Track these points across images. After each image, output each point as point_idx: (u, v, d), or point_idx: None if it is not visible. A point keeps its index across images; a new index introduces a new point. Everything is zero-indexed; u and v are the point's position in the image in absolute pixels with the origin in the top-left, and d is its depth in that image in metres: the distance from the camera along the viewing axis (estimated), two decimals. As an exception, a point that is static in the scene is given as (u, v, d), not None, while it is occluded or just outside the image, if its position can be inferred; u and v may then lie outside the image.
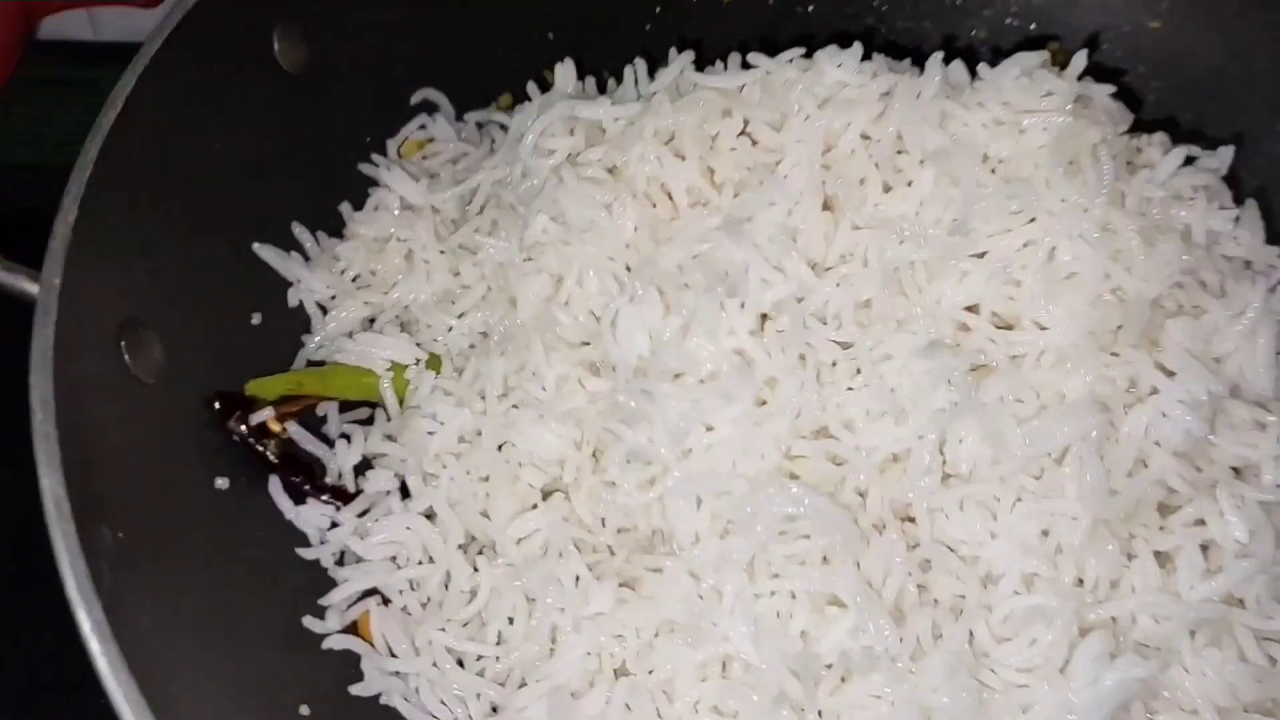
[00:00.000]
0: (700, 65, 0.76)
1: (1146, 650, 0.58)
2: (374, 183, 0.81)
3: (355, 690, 0.61)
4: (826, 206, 0.66)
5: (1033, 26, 0.87)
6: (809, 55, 0.70)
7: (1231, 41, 0.81)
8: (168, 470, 0.60)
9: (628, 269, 0.68)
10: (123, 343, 0.61)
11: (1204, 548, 0.60)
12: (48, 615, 0.49)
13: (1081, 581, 0.60)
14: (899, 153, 0.66)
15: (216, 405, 0.66)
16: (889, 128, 0.66)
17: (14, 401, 0.68)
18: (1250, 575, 0.59)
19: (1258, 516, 0.60)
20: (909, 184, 0.65)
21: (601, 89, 0.84)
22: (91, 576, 0.47)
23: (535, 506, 0.67)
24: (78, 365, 0.56)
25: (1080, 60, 0.68)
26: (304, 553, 0.66)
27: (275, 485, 0.66)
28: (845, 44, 0.74)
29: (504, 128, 0.84)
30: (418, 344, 0.73)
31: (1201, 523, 0.60)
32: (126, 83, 0.65)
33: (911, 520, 0.62)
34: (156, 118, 0.66)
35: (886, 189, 0.65)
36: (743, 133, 0.69)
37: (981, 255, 0.63)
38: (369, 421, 0.72)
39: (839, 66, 0.67)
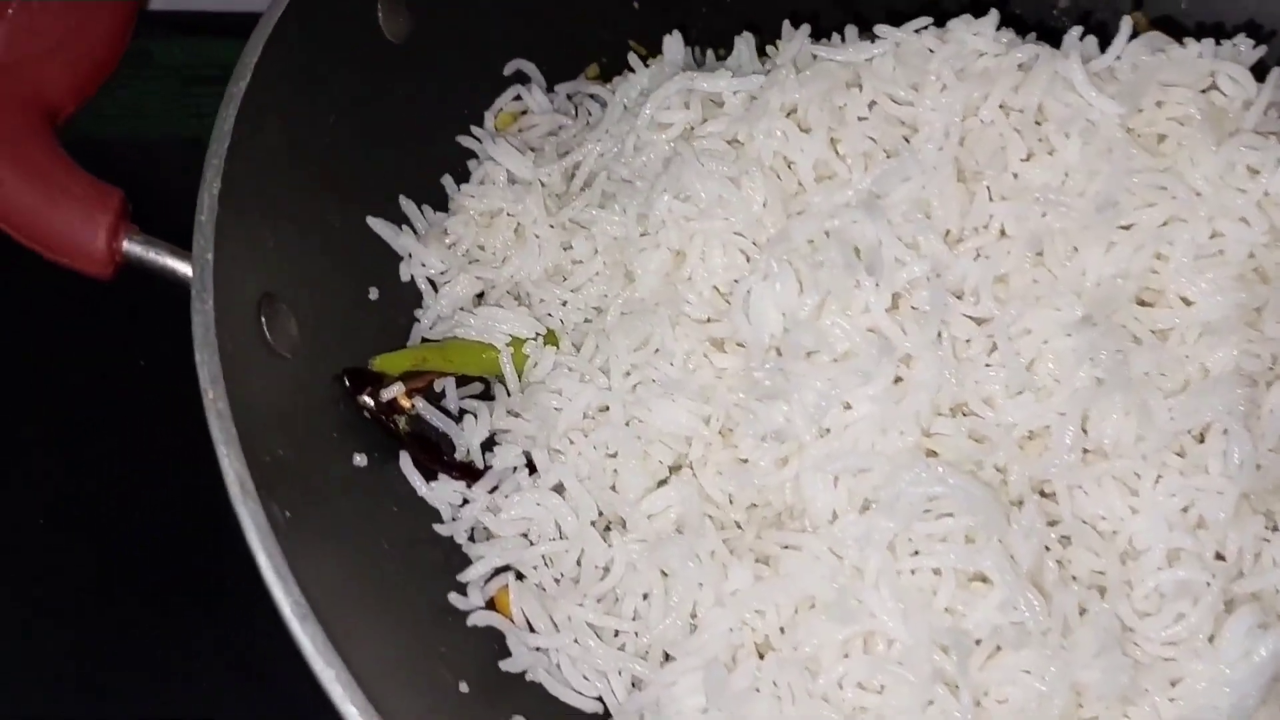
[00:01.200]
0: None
1: (1294, 623, 0.59)
2: (472, 155, 0.80)
3: (505, 666, 0.61)
4: (961, 179, 0.66)
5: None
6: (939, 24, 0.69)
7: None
8: (313, 447, 0.60)
9: (754, 245, 0.68)
10: (263, 318, 0.60)
11: (1339, 522, 0.61)
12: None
13: (1221, 556, 0.61)
14: (1038, 123, 0.66)
15: (346, 381, 0.65)
16: (1031, 98, 0.65)
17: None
18: (1389, 548, 0.60)
19: (1394, 490, 0.61)
20: (1050, 153, 0.65)
21: (695, 61, 0.83)
22: (284, 554, 0.46)
23: (663, 482, 0.67)
24: (231, 343, 0.55)
25: (1209, 45, 0.68)
26: (439, 529, 0.65)
27: (406, 461, 0.66)
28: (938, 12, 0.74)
29: (595, 98, 0.83)
30: (535, 318, 0.72)
31: (1339, 497, 0.61)
32: (253, 50, 0.64)
33: (1049, 496, 0.62)
34: (278, 88, 0.65)
35: (1028, 156, 0.65)
36: (871, 105, 0.68)
37: (1128, 228, 0.63)
38: (484, 397, 0.72)
39: (975, 35, 0.67)
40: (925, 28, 0.69)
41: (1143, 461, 0.61)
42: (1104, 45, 0.69)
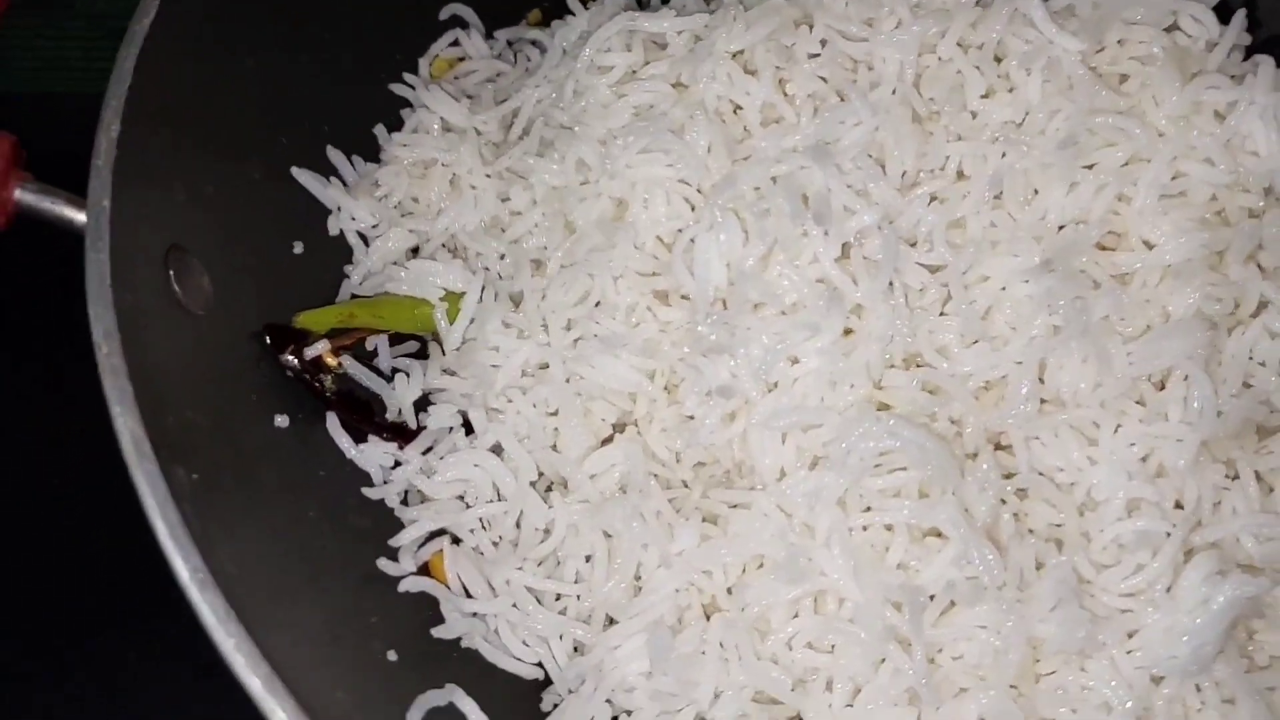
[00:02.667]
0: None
1: (1254, 570, 0.57)
2: (405, 104, 0.76)
3: (438, 633, 0.58)
4: (916, 119, 0.63)
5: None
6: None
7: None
8: (228, 407, 0.56)
9: (699, 191, 0.64)
10: (171, 272, 0.56)
11: (1300, 468, 0.59)
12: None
13: (1180, 505, 0.59)
14: (998, 59, 0.63)
15: (268, 338, 0.62)
16: (991, 34, 0.62)
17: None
18: (1351, 494, 0.58)
19: (1356, 436, 0.59)
20: (1010, 90, 0.62)
21: (641, 3, 0.79)
22: (183, 520, 0.43)
23: (607, 441, 0.64)
24: (131, 297, 0.51)
25: None
26: (369, 492, 0.62)
27: (334, 423, 0.63)
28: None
29: (536, 44, 0.79)
30: (471, 271, 0.69)
31: (1301, 443, 0.59)
32: (154, -7, 0.59)
33: (1005, 448, 0.60)
34: (187, 29, 0.61)
35: (987, 94, 0.62)
36: (822, 43, 0.65)
37: (1090, 168, 0.60)
38: (420, 355, 0.68)
39: (933, -31, 0.63)
40: (876, -39, 0.65)
41: (1101, 410, 0.59)
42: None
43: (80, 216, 0.51)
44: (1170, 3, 0.64)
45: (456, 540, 0.63)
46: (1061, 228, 0.61)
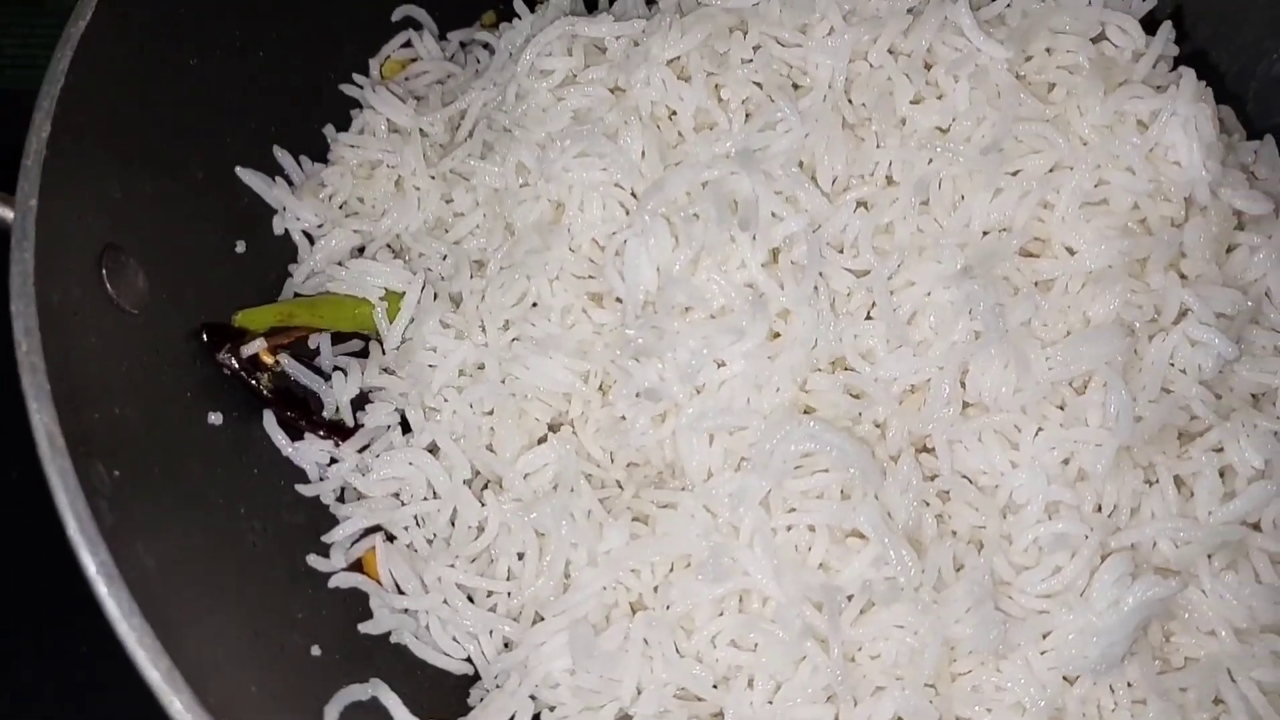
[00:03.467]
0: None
1: (1167, 573, 0.58)
2: (356, 104, 0.77)
3: (364, 628, 0.59)
4: (846, 126, 0.64)
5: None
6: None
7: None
8: (158, 404, 0.57)
9: (634, 195, 0.65)
10: (104, 270, 0.57)
11: (1220, 473, 0.60)
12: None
13: (1100, 508, 0.59)
14: (927, 67, 0.64)
15: (205, 336, 0.62)
16: (921, 41, 0.63)
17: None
18: (1267, 499, 0.59)
19: (1273, 443, 0.60)
20: (939, 97, 0.63)
21: (591, 5, 0.80)
22: (94, 515, 0.44)
23: (542, 440, 0.65)
24: (59, 293, 0.52)
25: None
26: (304, 489, 0.63)
27: (270, 420, 0.63)
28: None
29: (488, 47, 0.80)
30: (413, 271, 0.69)
31: (1219, 449, 0.60)
32: (92, -6, 0.60)
33: (930, 451, 0.61)
34: (129, 30, 0.61)
35: (916, 100, 0.63)
36: (756, 48, 0.66)
37: (1015, 174, 0.61)
38: (363, 354, 0.69)
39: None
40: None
41: (1022, 414, 0.60)
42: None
43: (8, 213, 0.52)
44: (1098, 13, 0.65)
45: (390, 537, 0.64)
46: (986, 234, 0.62)
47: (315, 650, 0.56)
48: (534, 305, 0.66)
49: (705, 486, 0.60)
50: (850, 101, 0.65)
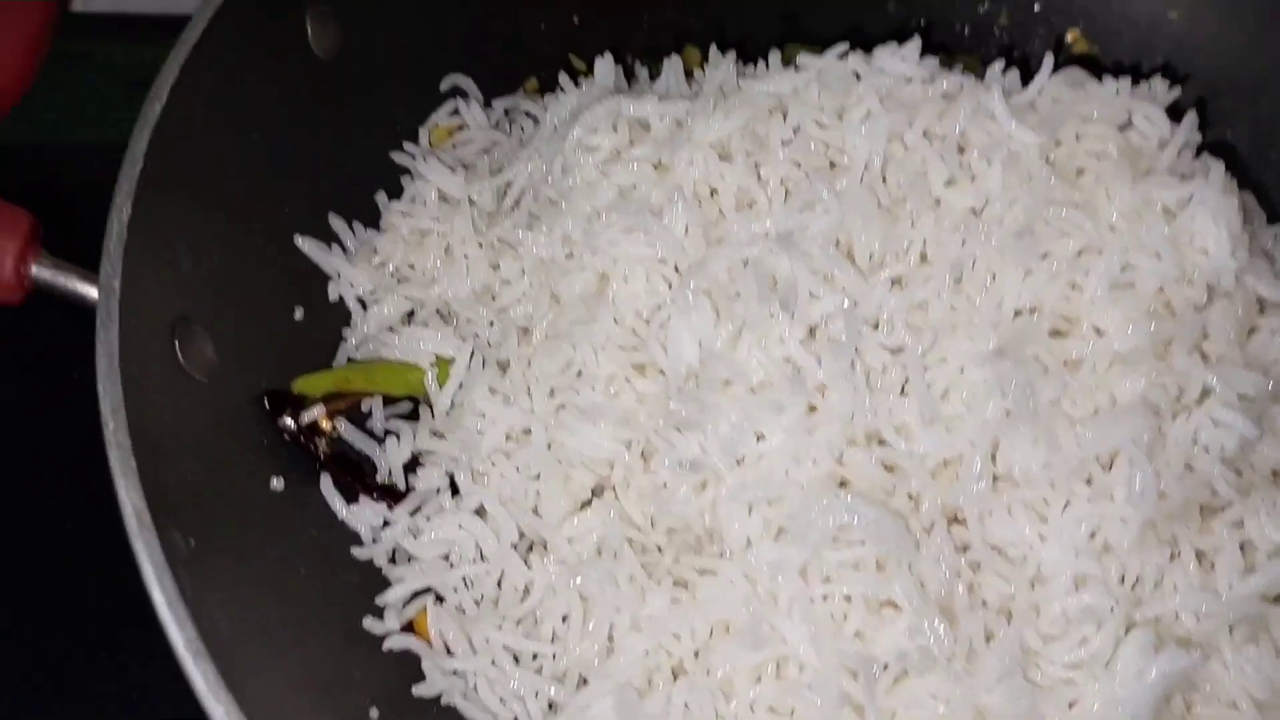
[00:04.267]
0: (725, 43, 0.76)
1: (1189, 645, 0.60)
2: (406, 171, 0.80)
3: (418, 691, 0.62)
4: (881, 206, 0.67)
5: (1054, 17, 0.88)
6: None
7: (1253, 35, 0.82)
8: (226, 471, 0.60)
9: (676, 270, 0.68)
10: (176, 341, 0.60)
11: (1241, 547, 0.62)
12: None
13: (1124, 580, 0.62)
14: (960, 150, 0.67)
15: (266, 403, 0.65)
16: (954, 125, 0.66)
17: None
18: (1287, 575, 0.61)
19: (1293, 519, 0.62)
20: (972, 179, 0.66)
21: (629, 74, 0.83)
22: (179, 588, 0.46)
23: (586, 505, 0.67)
24: (138, 367, 0.55)
25: (1125, 84, 0.69)
26: (358, 552, 0.66)
27: (327, 484, 0.66)
28: (857, 39, 0.75)
29: (530, 115, 0.83)
30: (461, 338, 0.72)
31: (1240, 524, 0.62)
32: (169, 73, 0.63)
33: (961, 523, 0.63)
34: (198, 108, 0.65)
35: (950, 182, 0.66)
36: (796, 129, 0.69)
37: (1044, 256, 0.64)
38: (413, 416, 0.72)
39: (901, 61, 0.67)
40: (846, 54, 0.69)
41: (1051, 489, 0.62)
42: (1026, 80, 0.70)
43: (92, 292, 0.55)
44: (1125, 102, 0.67)
45: (440, 599, 0.66)
46: (1018, 313, 0.64)
47: (374, 713, 0.58)
48: (579, 374, 0.68)
49: (744, 555, 0.63)
50: (885, 181, 0.68)
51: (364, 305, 0.75)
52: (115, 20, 1.03)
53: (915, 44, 0.69)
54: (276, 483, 0.63)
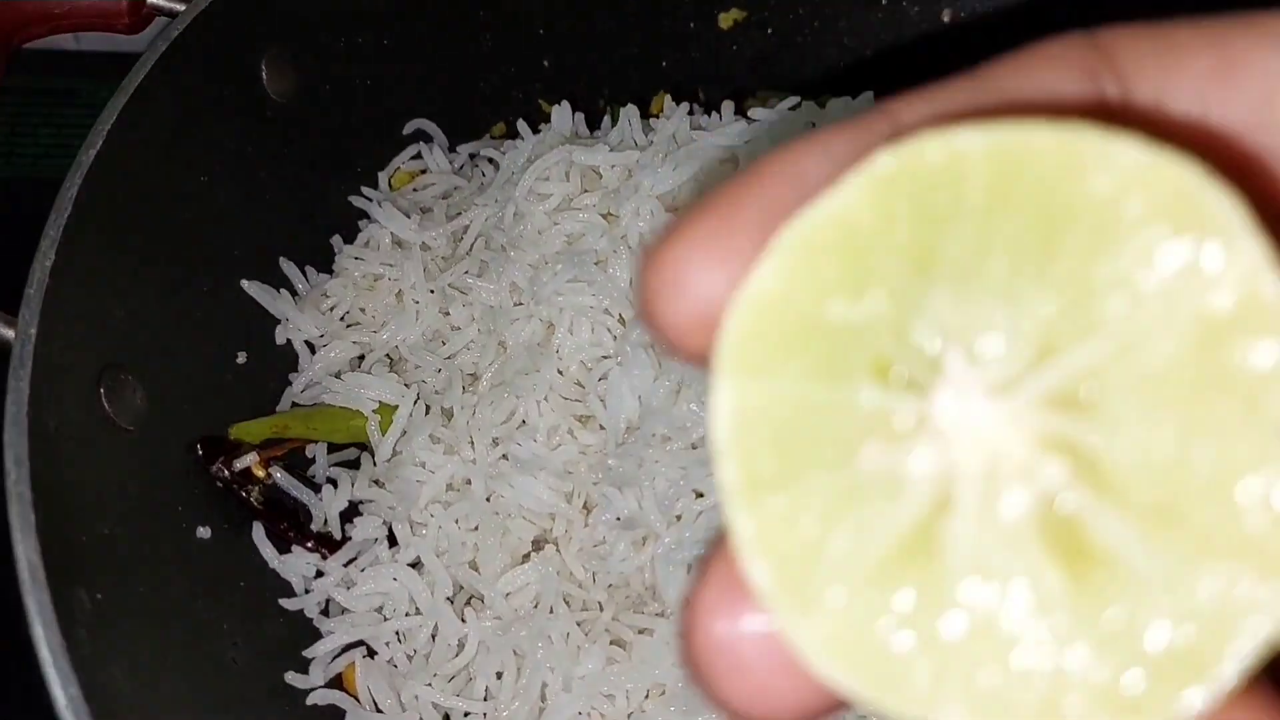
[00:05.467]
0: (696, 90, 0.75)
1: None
2: (364, 214, 0.80)
3: (339, 751, 0.60)
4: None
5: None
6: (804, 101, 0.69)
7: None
8: (148, 522, 0.59)
9: (621, 320, 0.67)
10: (102, 390, 0.59)
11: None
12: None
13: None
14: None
15: (200, 450, 0.64)
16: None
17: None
18: None
19: None
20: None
21: (594, 121, 0.82)
22: (68, 648, 0.45)
23: (526, 558, 0.66)
24: (55, 417, 0.54)
25: None
26: (288, 603, 0.64)
27: (259, 533, 0.65)
28: (831, 85, 0.74)
29: (493, 162, 0.82)
30: (406, 385, 0.71)
31: None
32: (107, 118, 0.62)
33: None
34: (139, 153, 0.64)
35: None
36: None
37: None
38: (356, 464, 0.71)
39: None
40: (797, 105, 0.68)
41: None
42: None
43: (10, 334, 0.54)
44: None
45: (372, 653, 0.64)
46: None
47: (288, 772, 0.56)
48: (522, 424, 0.67)
49: (681, 614, 0.61)
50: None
51: (312, 349, 0.74)
52: (101, 59, 1.04)
53: (867, 96, 0.68)
54: (203, 532, 0.62)
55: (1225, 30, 0.21)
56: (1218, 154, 0.20)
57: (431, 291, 0.74)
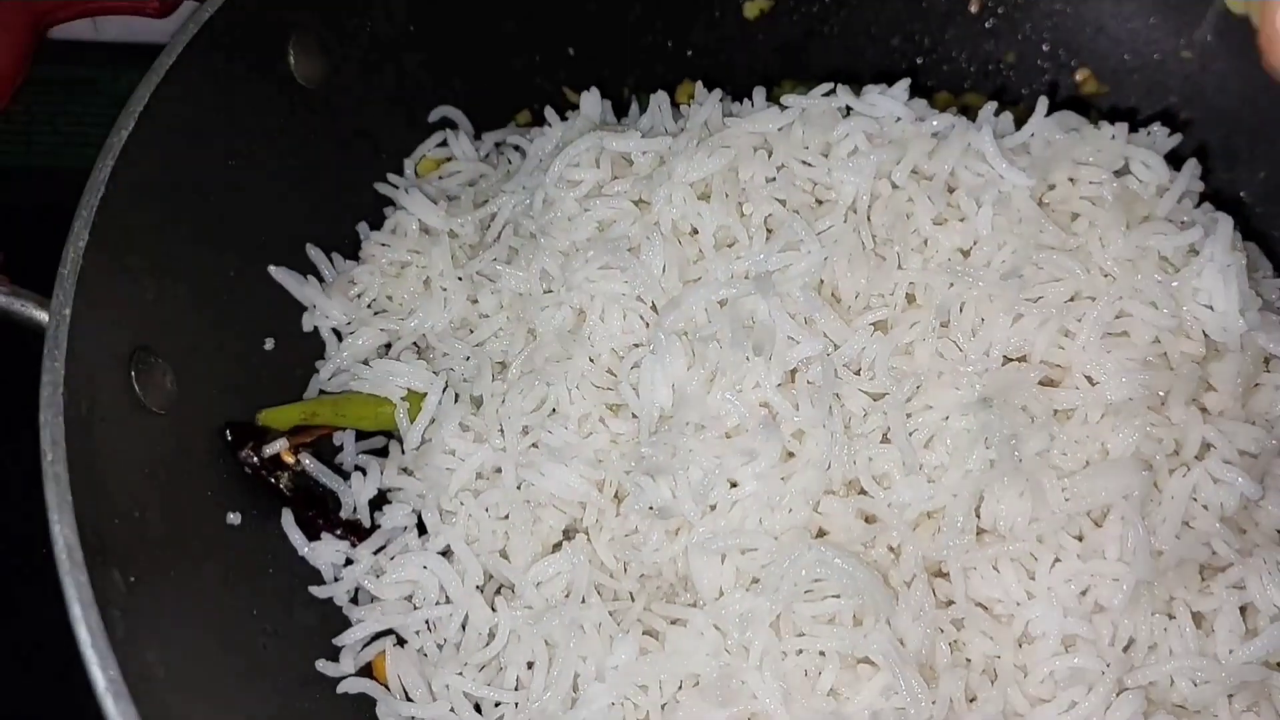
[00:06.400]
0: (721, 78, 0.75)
1: (1183, 713, 0.57)
2: (390, 201, 0.79)
3: (370, 738, 0.59)
4: (865, 246, 0.64)
5: (1061, 53, 0.86)
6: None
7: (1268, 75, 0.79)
8: (179, 506, 0.58)
9: (654, 308, 0.66)
10: (133, 372, 0.58)
11: (1241, 610, 0.59)
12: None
13: (1115, 641, 0.58)
14: (950, 190, 0.64)
15: (229, 436, 0.64)
16: (944, 165, 0.64)
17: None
18: (1289, 639, 0.58)
19: (1297, 581, 0.59)
20: (961, 220, 0.63)
21: (622, 108, 0.82)
22: (106, 627, 0.45)
23: (556, 547, 0.65)
24: (87, 399, 0.53)
25: (1122, 129, 0.66)
26: (317, 590, 0.64)
27: (288, 519, 0.64)
28: (857, 74, 0.73)
29: (518, 148, 0.82)
30: (435, 372, 0.70)
31: (1241, 586, 0.59)
32: (139, 100, 0.62)
33: (944, 576, 0.60)
34: (169, 136, 0.64)
35: (938, 222, 0.63)
36: (780, 167, 0.67)
37: (1035, 300, 0.61)
38: (384, 452, 0.70)
39: (892, 100, 0.65)
40: (832, 92, 0.67)
41: (1039, 544, 0.59)
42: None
43: (44, 317, 0.54)
44: (1121, 147, 0.65)
45: (401, 641, 0.64)
46: (1006, 360, 0.62)
47: (320, 760, 0.56)
48: (553, 412, 0.66)
49: (716, 605, 0.60)
50: (871, 221, 0.66)
51: (339, 336, 0.73)
52: (121, 49, 1.04)
53: (904, 84, 0.68)
54: (233, 518, 0.61)
55: None
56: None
57: (459, 279, 0.74)
